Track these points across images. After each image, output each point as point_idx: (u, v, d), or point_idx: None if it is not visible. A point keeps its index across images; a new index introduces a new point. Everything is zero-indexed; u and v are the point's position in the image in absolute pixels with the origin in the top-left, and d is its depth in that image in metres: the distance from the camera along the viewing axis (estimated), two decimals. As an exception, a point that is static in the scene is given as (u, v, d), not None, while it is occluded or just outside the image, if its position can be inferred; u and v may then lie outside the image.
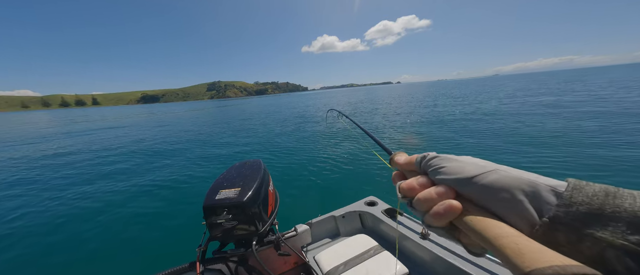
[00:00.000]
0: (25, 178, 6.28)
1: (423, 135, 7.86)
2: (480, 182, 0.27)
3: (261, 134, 10.56)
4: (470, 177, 0.28)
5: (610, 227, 0.20)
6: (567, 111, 9.67)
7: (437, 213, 0.29)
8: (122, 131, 15.92)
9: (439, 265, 1.30)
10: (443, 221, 0.29)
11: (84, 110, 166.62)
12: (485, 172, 0.28)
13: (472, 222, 0.26)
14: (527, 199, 0.24)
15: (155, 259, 2.81)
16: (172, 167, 6.41)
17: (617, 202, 0.21)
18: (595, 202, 0.21)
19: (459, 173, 0.29)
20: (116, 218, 3.84)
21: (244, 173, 1.26)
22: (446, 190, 0.30)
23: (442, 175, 0.31)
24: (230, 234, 1.07)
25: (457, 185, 0.29)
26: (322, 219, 1.75)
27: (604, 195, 0.22)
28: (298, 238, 1.50)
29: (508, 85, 37.89)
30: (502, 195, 0.26)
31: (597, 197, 0.22)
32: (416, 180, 0.33)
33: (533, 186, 0.25)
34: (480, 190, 0.27)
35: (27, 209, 4.36)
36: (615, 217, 0.20)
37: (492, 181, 0.27)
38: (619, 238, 0.19)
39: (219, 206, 1.05)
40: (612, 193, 0.22)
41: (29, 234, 3.52)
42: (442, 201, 0.29)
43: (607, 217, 0.21)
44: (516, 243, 0.22)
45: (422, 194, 0.31)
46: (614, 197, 0.21)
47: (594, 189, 0.22)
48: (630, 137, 5.51)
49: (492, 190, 0.26)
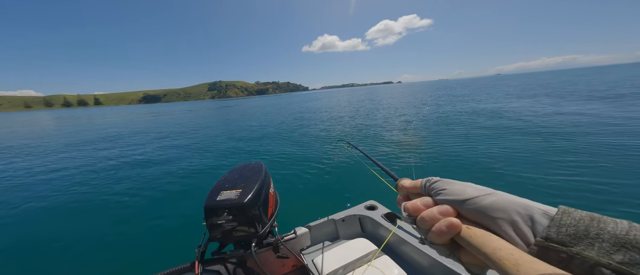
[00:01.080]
0: (27, 177, 6.33)
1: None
2: (479, 203, 0.30)
3: (262, 136, 10.56)
4: (470, 198, 0.31)
5: (596, 247, 0.22)
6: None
7: (439, 230, 0.31)
8: (123, 131, 15.96)
9: (437, 270, 1.30)
10: (445, 238, 0.31)
11: (86, 110, 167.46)
12: (484, 194, 0.30)
13: (471, 237, 0.28)
14: (522, 220, 0.27)
15: (155, 259, 2.83)
16: (173, 167, 6.43)
17: (601, 226, 0.23)
18: (581, 225, 0.24)
19: (460, 194, 0.32)
20: (116, 218, 3.85)
21: (246, 175, 1.26)
22: (448, 209, 0.32)
23: (444, 196, 0.33)
24: (230, 235, 1.08)
25: (458, 205, 0.32)
26: (322, 222, 1.75)
27: (590, 219, 0.24)
28: (297, 241, 1.50)
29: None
30: (499, 215, 0.28)
31: (583, 221, 0.24)
32: (421, 200, 0.36)
33: (527, 209, 0.27)
34: (479, 210, 0.30)
35: (27, 208, 4.39)
36: (600, 238, 0.23)
37: (490, 203, 0.29)
38: (604, 257, 0.22)
39: (219, 207, 1.05)
40: (597, 218, 0.24)
41: (26, 234, 3.54)
42: (444, 219, 0.31)
43: (593, 238, 0.23)
44: (513, 254, 0.24)
45: (426, 212, 0.33)
46: (598, 221, 0.24)
47: (580, 214, 0.25)
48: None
49: (490, 210, 0.29)
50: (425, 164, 5.00)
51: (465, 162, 5.01)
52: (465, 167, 4.80)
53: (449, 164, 4.96)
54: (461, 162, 5.01)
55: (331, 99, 43.83)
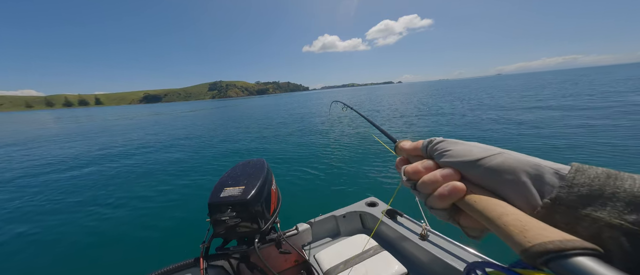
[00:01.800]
0: (29, 177, 6.37)
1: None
2: (486, 165, 0.28)
3: (264, 134, 10.60)
4: (476, 160, 0.29)
5: (608, 207, 0.21)
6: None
7: (441, 194, 0.29)
8: (126, 130, 16.03)
9: (437, 266, 1.32)
10: (446, 202, 0.29)
11: (88, 110, 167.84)
12: (491, 155, 0.28)
13: (475, 202, 0.27)
14: (531, 181, 0.25)
15: (160, 255, 2.86)
16: (176, 165, 6.47)
17: (618, 184, 0.21)
18: (596, 184, 0.22)
19: (465, 155, 0.30)
20: (121, 214, 3.90)
21: (248, 172, 1.28)
22: (451, 172, 0.30)
23: (448, 158, 0.31)
24: (233, 231, 1.09)
25: (462, 168, 0.30)
26: (323, 218, 1.77)
27: (606, 177, 0.22)
28: (299, 237, 1.52)
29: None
30: (506, 177, 0.26)
31: (598, 179, 0.22)
32: (421, 163, 0.34)
33: (537, 169, 0.25)
34: (485, 172, 0.28)
35: (30, 206, 4.43)
36: (614, 198, 0.21)
37: (497, 163, 0.27)
38: (616, 218, 0.20)
39: (223, 203, 1.06)
40: (613, 175, 0.22)
41: (34, 230, 3.57)
42: (446, 183, 0.30)
43: (607, 197, 0.21)
44: (519, 220, 0.23)
45: (428, 176, 0.31)
46: (615, 178, 0.22)
47: (596, 171, 0.23)
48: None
49: (497, 172, 0.27)
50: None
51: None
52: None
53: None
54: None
55: (332, 98, 43.73)
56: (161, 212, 3.88)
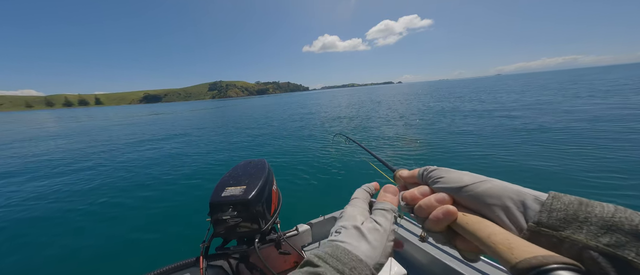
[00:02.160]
0: (30, 174, 6.36)
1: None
2: (474, 190, 0.31)
3: (265, 134, 10.60)
4: (465, 186, 0.32)
5: (584, 230, 0.23)
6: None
7: (436, 217, 0.32)
8: (127, 130, 16.01)
9: (437, 267, 1.31)
10: (441, 225, 0.32)
11: (88, 110, 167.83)
12: (478, 182, 0.31)
13: (467, 224, 0.29)
14: (515, 206, 0.28)
15: (160, 254, 2.86)
16: (178, 164, 6.47)
17: (589, 209, 0.24)
18: (570, 209, 0.25)
19: (456, 182, 0.33)
20: (121, 214, 3.89)
21: (250, 172, 1.28)
22: (445, 197, 0.33)
23: (441, 184, 0.34)
24: (234, 231, 1.09)
25: (454, 193, 0.33)
26: (323, 219, 1.77)
27: (578, 203, 0.25)
28: (299, 237, 1.52)
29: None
30: (493, 202, 0.29)
31: (572, 205, 0.25)
32: (418, 189, 0.36)
33: (520, 195, 0.28)
34: (474, 197, 0.31)
35: (29, 205, 4.43)
36: (588, 222, 0.24)
37: (485, 190, 0.30)
38: (591, 240, 0.23)
39: (224, 203, 1.06)
40: (585, 202, 0.25)
41: (31, 231, 3.57)
42: (440, 206, 0.32)
43: (581, 221, 0.24)
44: (507, 239, 0.25)
45: (423, 201, 0.34)
46: (586, 205, 0.25)
47: (569, 198, 0.26)
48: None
49: (485, 197, 0.30)
50: (423, 156, 4.99)
51: (463, 155, 5.03)
52: (462, 157, 4.82)
53: (446, 155, 4.98)
54: (459, 154, 5.03)
55: (332, 100, 43.75)
56: (162, 211, 3.88)
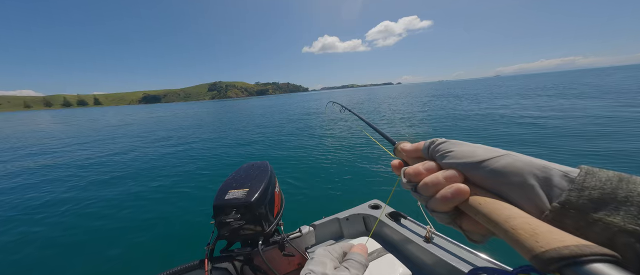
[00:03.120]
0: (34, 178, 6.34)
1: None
2: (491, 166, 0.27)
3: (266, 136, 10.61)
4: (481, 161, 0.28)
5: (622, 212, 0.20)
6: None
7: (444, 197, 0.28)
8: (128, 132, 16.00)
9: (442, 268, 1.31)
10: (449, 205, 0.28)
11: (87, 110, 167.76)
12: (496, 156, 0.27)
13: (480, 205, 0.26)
14: (539, 184, 0.24)
15: (166, 256, 2.87)
16: (181, 167, 6.47)
17: (631, 187, 0.20)
18: (608, 187, 0.21)
19: (469, 156, 0.29)
20: (127, 217, 3.90)
21: (252, 174, 1.28)
22: (455, 174, 0.29)
23: (451, 159, 0.30)
24: (238, 234, 1.09)
25: (466, 169, 0.29)
26: (326, 221, 1.76)
27: (618, 180, 0.21)
28: (302, 239, 1.52)
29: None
30: (513, 179, 0.25)
31: (610, 182, 0.21)
32: (423, 165, 0.33)
33: (545, 171, 0.24)
34: (490, 174, 0.27)
35: (27, 206, 4.41)
36: (628, 202, 0.20)
37: (503, 165, 0.26)
38: (630, 223, 0.19)
39: (228, 206, 1.07)
40: (626, 178, 0.21)
41: (40, 232, 3.57)
42: (450, 185, 0.28)
43: (620, 201, 0.20)
44: (529, 224, 0.22)
45: (429, 178, 0.30)
46: (628, 182, 0.21)
47: (607, 174, 0.22)
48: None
49: (503, 174, 0.26)
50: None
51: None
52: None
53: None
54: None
55: (331, 99, 43.71)
56: (167, 214, 3.89)
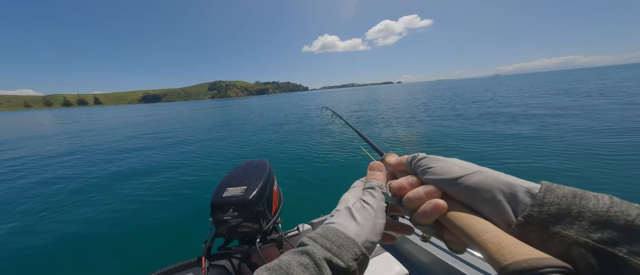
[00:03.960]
0: (34, 175, 6.35)
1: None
2: (464, 183, 0.29)
3: (265, 134, 10.61)
4: (455, 178, 0.30)
5: (575, 226, 0.22)
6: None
7: (424, 211, 0.30)
8: (127, 131, 16.00)
9: (439, 267, 1.31)
10: (430, 219, 0.30)
11: (87, 110, 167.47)
12: (469, 173, 0.30)
13: (456, 219, 0.28)
14: (506, 199, 0.26)
15: (163, 253, 2.87)
16: (179, 165, 6.46)
17: (583, 203, 0.23)
18: (563, 203, 0.24)
19: (446, 173, 0.31)
20: (124, 214, 3.89)
21: (250, 172, 1.28)
22: (434, 189, 0.31)
23: (430, 175, 0.32)
24: (235, 231, 1.09)
25: (444, 185, 0.31)
26: (324, 219, 1.77)
27: (572, 196, 0.24)
28: (300, 237, 1.51)
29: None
30: (484, 195, 0.28)
31: (565, 198, 0.24)
32: (406, 179, 0.35)
33: (511, 187, 0.27)
34: (465, 190, 0.29)
35: (27, 206, 4.43)
36: (580, 217, 0.22)
37: (475, 182, 0.29)
38: (582, 236, 0.22)
39: (225, 203, 1.07)
40: (579, 194, 0.24)
41: (39, 227, 3.58)
42: (429, 200, 0.31)
43: (574, 216, 0.23)
44: (497, 237, 0.24)
45: (412, 193, 0.32)
46: (580, 198, 0.23)
47: (563, 191, 0.24)
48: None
49: (476, 190, 0.28)
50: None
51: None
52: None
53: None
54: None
55: (330, 98, 43.70)
56: (164, 211, 3.88)
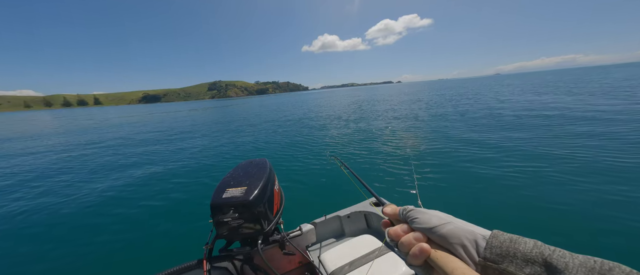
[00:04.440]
0: (32, 176, 6.33)
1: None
2: (439, 232, 0.37)
3: (266, 133, 10.58)
4: (432, 227, 0.38)
5: (513, 264, 0.30)
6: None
7: (413, 254, 0.37)
8: (127, 131, 15.97)
9: None
10: (419, 260, 0.37)
11: (87, 110, 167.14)
12: (443, 224, 0.38)
13: (437, 259, 0.35)
14: (470, 244, 0.34)
15: (164, 256, 2.83)
16: (179, 165, 6.44)
17: (516, 246, 0.31)
18: (504, 246, 0.32)
19: (426, 224, 0.39)
20: (124, 217, 3.86)
21: (251, 172, 1.25)
22: (420, 236, 0.39)
23: (416, 224, 0.41)
24: (236, 233, 1.07)
25: (426, 233, 0.39)
26: (327, 218, 1.74)
27: (509, 241, 0.32)
28: (303, 238, 1.49)
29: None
30: (454, 241, 0.36)
31: (505, 243, 0.32)
32: (400, 227, 0.43)
33: (473, 235, 0.35)
34: (440, 237, 0.37)
35: (34, 206, 4.40)
36: (516, 257, 0.30)
37: (447, 231, 0.37)
38: (519, 271, 0.29)
39: (225, 205, 1.05)
40: (514, 240, 0.32)
41: (32, 230, 3.55)
42: (417, 244, 0.38)
43: (512, 256, 0.30)
44: (464, 273, 0.31)
45: (404, 238, 0.40)
46: (515, 242, 0.31)
47: (504, 237, 0.33)
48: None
49: (448, 237, 0.36)
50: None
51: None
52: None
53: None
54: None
55: (331, 98, 43.60)
56: (164, 213, 3.85)
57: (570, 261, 0.27)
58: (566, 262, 0.27)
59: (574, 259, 0.27)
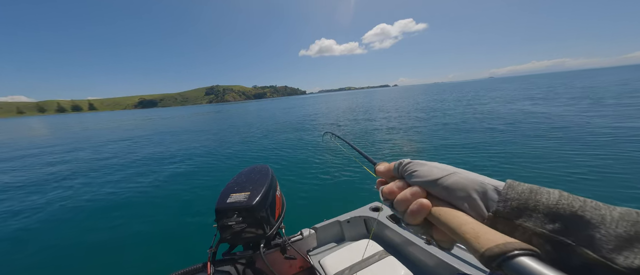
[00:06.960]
0: (35, 180, 6.23)
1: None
2: (443, 184, 0.33)
3: (266, 140, 10.58)
4: (435, 179, 0.34)
5: (533, 218, 0.25)
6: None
7: (412, 211, 0.34)
8: (128, 137, 15.82)
9: (444, 270, 1.31)
10: (418, 218, 0.34)
11: (81, 116, 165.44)
12: (447, 174, 0.33)
13: (440, 215, 0.31)
14: (479, 197, 0.30)
15: (169, 259, 2.86)
16: (182, 171, 6.45)
17: (537, 198, 0.26)
18: (522, 198, 0.27)
19: (427, 176, 0.35)
20: (130, 221, 3.86)
21: (253, 178, 1.29)
22: (418, 190, 0.35)
23: (414, 178, 0.36)
24: (240, 237, 1.09)
25: (426, 186, 0.35)
26: (328, 223, 1.76)
27: (529, 192, 0.27)
28: (304, 242, 1.51)
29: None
30: (459, 194, 0.31)
31: (524, 194, 0.27)
32: (395, 184, 0.38)
33: (482, 186, 0.30)
34: (444, 190, 0.33)
35: (35, 209, 4.33)
36: (536, 210, 0.25)
37: (452, 182, 0.32)
38: (539, 227, 0.25)
39: (229, 209, 1.08)
40: (535, 190, 0.27)
41: (40, 234, 3.55)
42: (415, 200, 0.34)
43: (531, 210, 0.26)
44: (473, 228, 0.27)
45: (400, 195, 0.36)
46: (536, 193, 0.27)
47: (522, 188, 0.28)
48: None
49: (453, 189, 0.32)
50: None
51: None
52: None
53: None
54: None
55: (328, 103, 43.84)
56: (170, 217, 3.87)
57: (607, 214, 0.23)
58: (602, 215, 0.23)
59: (612, 212, 0.23)
